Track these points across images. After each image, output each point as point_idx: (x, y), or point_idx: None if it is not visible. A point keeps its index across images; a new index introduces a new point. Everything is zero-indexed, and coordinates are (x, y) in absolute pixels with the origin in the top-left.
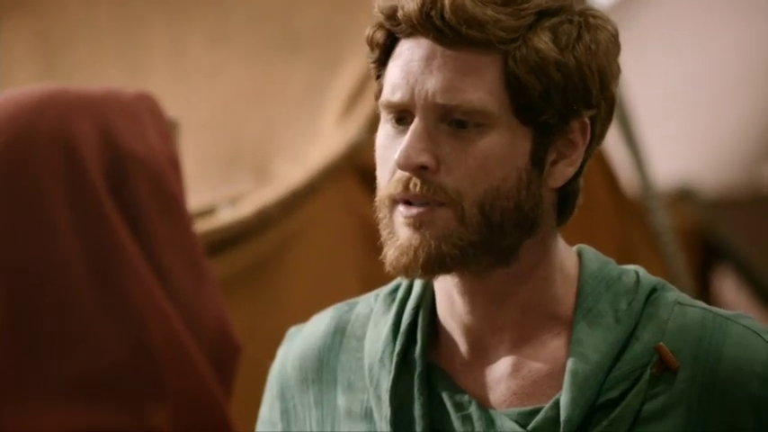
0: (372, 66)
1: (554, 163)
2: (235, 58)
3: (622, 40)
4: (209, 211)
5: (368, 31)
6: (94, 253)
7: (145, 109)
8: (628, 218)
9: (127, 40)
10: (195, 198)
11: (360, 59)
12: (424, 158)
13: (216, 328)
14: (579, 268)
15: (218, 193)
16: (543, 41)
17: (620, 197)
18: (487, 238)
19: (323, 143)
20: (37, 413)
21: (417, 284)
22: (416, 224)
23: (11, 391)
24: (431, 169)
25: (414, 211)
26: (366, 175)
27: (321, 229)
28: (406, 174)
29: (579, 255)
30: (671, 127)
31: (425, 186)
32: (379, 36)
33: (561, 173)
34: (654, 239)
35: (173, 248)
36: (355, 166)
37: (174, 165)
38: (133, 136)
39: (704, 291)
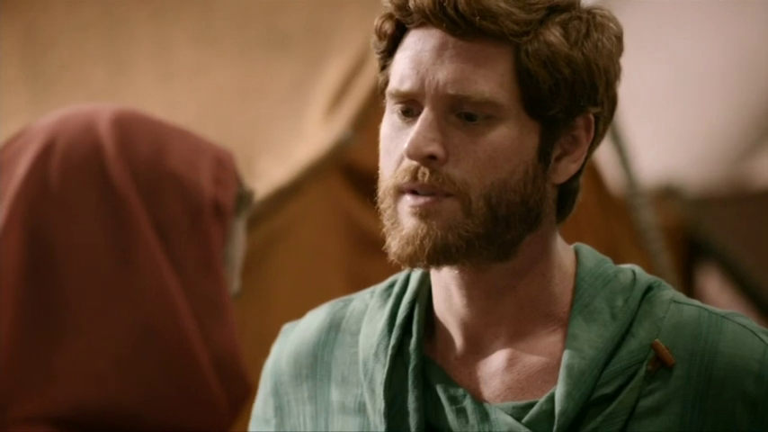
0: (378, 56)
1: (558, 159)
2: (220, 58)
3: None
4: None
5: (376, 21)
6: (118, 242)
7: (213, 156)
8: (612, 215)
9: (111, 40)
10: None
11: (345, 58)
12: (434, 148)
13: (228, 356)
14: (576, 266)
15: None
16: (554, 36)
17: (604, 195)
18: (492, 231)
19: (308, 141)
20: (39, 391)
21: (414, 280)
22: (423, 214)
23: (27, 371)
24: (439, 159)
25: (420, 200)
26: (352, 174)
27: (307, 227)
28: (414, 163)
29: (576, 253)
30: (655, 125)
31: (434, 176)
32: (388, 26)
33: (565, 169)
34: (638, 237)
35: (198, 274)
36: (341, 165)
37: (220, 212)
38: (183, 162)
39: (688, 288)
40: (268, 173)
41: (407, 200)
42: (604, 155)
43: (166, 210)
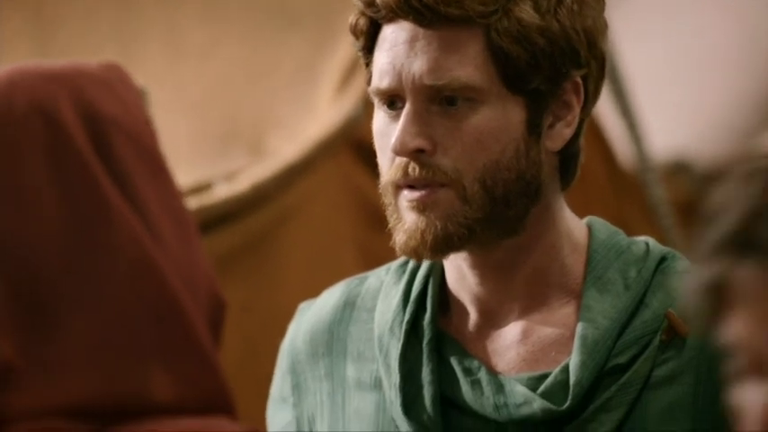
0: (360, 54)
1: (551, 126)
2: (229, 35)
3: (617, 14)
4: (204, 188)
5: (351, 19)
6: (85, 217)
7: (115, 77)
8: (623, 191)
9: (121, 18)
10: (191, 174)
11: None
12: (419, 142)
13: (207, 286)
14: (589, 238)
15: (213, 169)
16: (524, 10)
17: (615, 171)
18: (492, 212)
19: (319, 118)
20: (41, 386)
21: None
22: (420, 207)
23: (15, 365)
24: (427, 152)
25: (416, 194)
26: (362, 150)
27: (317, 204)
28: (405, 159)
29: (589, 227)
30: (666, 100)
31: (424, 169)
32: (362, 23)
33: (559, 134)
34: (650, 213)
35: (160, 207)
36: (351, 141)
37: (150, 126)
38: (108, 100)
39: None
40: (278, 150)
41: (405, 194)
42: (615, 131)
43: (123, 164)
